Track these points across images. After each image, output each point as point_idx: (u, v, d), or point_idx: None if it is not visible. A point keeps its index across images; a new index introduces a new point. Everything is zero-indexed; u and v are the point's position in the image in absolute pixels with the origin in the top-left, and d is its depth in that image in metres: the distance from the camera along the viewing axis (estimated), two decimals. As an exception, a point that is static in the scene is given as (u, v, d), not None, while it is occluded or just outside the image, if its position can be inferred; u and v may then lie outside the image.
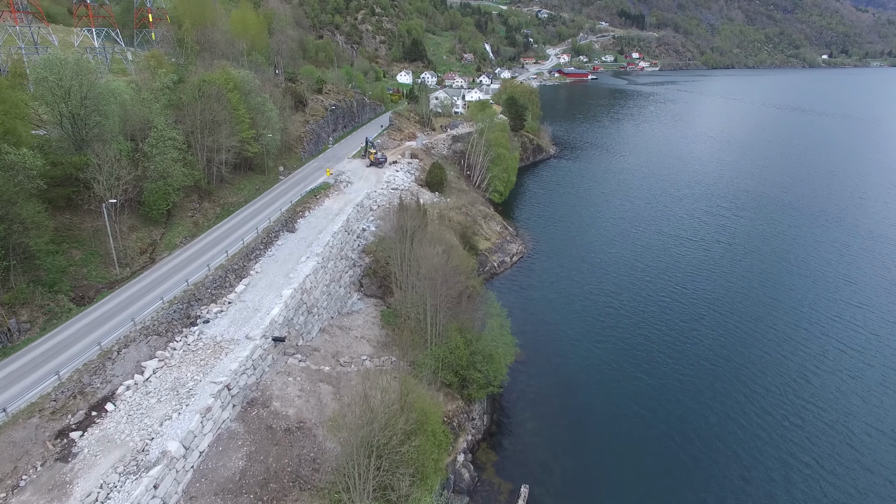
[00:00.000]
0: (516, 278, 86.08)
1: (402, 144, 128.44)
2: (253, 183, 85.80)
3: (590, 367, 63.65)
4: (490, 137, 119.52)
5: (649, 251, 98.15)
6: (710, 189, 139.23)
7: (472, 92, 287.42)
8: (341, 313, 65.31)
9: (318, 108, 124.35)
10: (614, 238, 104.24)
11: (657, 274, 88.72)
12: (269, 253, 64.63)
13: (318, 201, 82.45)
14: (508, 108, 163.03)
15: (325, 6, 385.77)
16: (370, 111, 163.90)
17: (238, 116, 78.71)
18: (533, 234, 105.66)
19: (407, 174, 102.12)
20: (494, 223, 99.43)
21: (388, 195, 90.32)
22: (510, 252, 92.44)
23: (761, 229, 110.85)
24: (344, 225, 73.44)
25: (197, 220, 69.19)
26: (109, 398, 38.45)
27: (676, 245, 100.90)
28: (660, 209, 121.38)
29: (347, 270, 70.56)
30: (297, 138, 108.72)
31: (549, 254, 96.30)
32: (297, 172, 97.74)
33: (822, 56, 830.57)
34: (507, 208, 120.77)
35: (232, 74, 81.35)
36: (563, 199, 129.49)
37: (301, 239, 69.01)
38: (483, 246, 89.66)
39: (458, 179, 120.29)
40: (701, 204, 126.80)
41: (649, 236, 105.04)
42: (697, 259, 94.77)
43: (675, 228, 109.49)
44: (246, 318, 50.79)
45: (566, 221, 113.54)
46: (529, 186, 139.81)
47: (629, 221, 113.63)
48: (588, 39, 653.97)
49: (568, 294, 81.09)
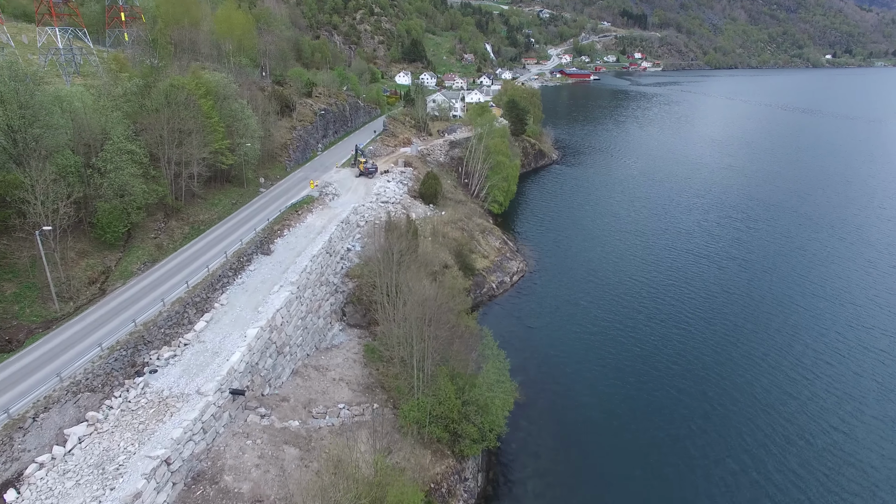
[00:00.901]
0: (516, 302, 78.86)
1: (395, 151, 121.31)
2: (229, 197, 78.67)
3: (599, 411, 56.42)
4: (489, 144, 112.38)
5: (660, 269, 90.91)
6: (721, 198, 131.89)
7: (472, 93, 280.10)
8: (319, 349, 58.13)
9: (307, 113, 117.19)
10: (622, 254, 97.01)
11: (669, 296, 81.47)
12: (238, 281, 57.52)
13: (300, 217, 75.34)
14: (509, 112, 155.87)
15: (322, 6, 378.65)
16: (364, 115, 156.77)
17: (211, 125, 71.59)
18: (535, 249, 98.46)
19: (399, 185, 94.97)
20: (493, 238, 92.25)
21: (376, 209, 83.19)
22: (510, 271, 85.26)
23: (779, 244, 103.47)
24: (325, 246, 66.32)
25: (161, 241, 62.05)
26: (13, 482, 31.33)
27: (689, 263, 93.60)
28: (669, 221, 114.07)
29: (328, 298, 63.40)
30: (283, 146, 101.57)
31: (552, 272, 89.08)
32: (280, 184, 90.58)
33: (825, 56, 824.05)
34: (507, 220, 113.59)
35: (204, 78, 74.18)
36: (566, 209, 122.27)
37: (276, 263, 61.90)
38: (481, 265, 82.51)
39: (454, 189, 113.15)
40: (712, 215, 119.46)
41: (659, 252, 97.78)
42: (712, 279, 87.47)
43: (687, 243, 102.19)
44: (202, 364, 43.67)
45: (570, 234, 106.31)
46: (531, 195, 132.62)
47: (637, 235, 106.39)
48: (590, 39, 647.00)
49: (573, 321, 73.86)
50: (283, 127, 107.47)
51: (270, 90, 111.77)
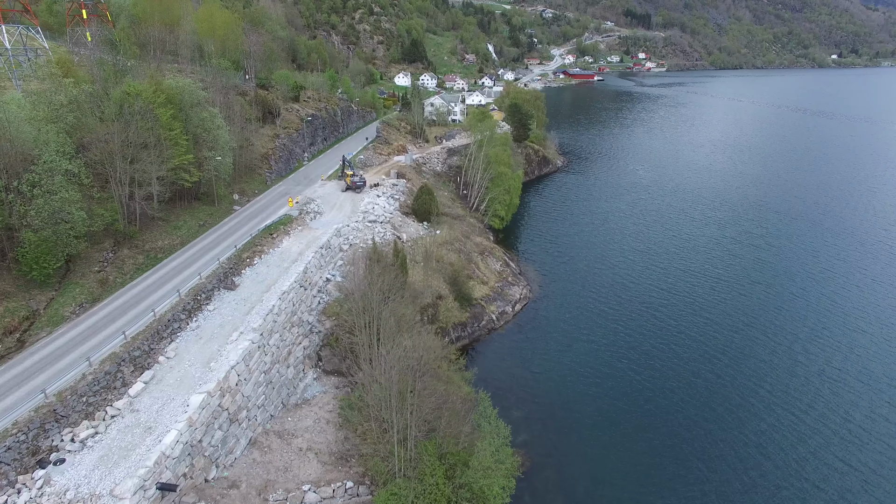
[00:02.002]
0: (519, 337, 69.90)
1: (389, 160, 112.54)
2: (197, 218, 69.95)
3: (616, 480, 47.49)
4: (490, 153, 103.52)
5: (677, 297, 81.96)
6: (737, 211, 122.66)
7: (473, 95, 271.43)
8: (287, 406, 49.36)
9: (293, 120, 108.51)
10: (634, 278, 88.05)
11: (688, 330, 72.51)
12: (192, 325, 48.73)
13: (275, 242, 66.55)
14: (512, 116, 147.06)
15: (320, 5, 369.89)
16: (358, 119, 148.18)
17: (172, 137, 62.91)
18: (539, 270, 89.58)
19: (390, 200, 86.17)
20: (493, 260, 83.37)
21: (363, 230, 74.37)
22: (512, 298, 76.36)
23: (805, 265, 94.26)
24: (300, 278, 57.54)
25: (106, 276, 53.35)
26: None
27: (708, 289, 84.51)
28: (684, 239, 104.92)
29: (301, 341, 54.65)
30: (263, 156, 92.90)
31: (558, 299, 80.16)
32: (257, 199, 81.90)
33: (831, 56, 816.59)
34: (508, 236, 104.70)
35: (165, 85, 65.45)
36: (572, 222, 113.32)
37: (241, 301, 53.13)
38: (479, 293, 73.63)
39: (452, 201, 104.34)
40: (730, 231, 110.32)
41: (675, 276, 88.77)
42: (738, 309, 78.32)
43: (705, 265, 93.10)
44: (129, 446, 34.95)
45: (577, 253, 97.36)
46: (535, 207, 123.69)
47: (650, 254, 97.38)
48: (593, 39, 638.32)
49: (584, 362, 64.89)
50: (266, 135, 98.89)
51: (253, 95, 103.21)
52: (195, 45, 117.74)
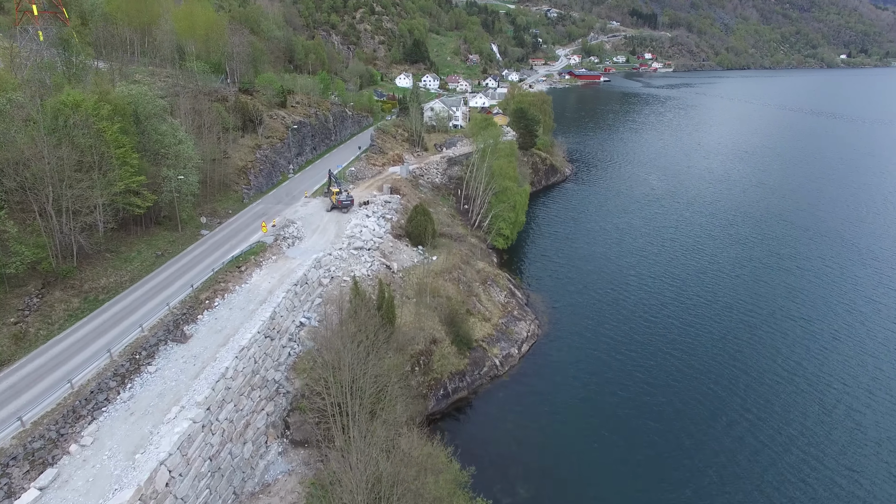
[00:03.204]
0: (526, 388, 60.10)
1: (383, 171, 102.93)
2: (154, 247, 60.45)
3: None
4: (494, 166, 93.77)
5: (703, 330, 72.27)
6: (762, 228, 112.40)
7: (477, 97, 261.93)
8: (241, 497, 39.81)
9: (278, 127, 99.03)
10: (654, 308, 78.29)
11: (726, 380, 62.79)
12: (123, 397, 39.21)
13: (243, 276, 57.02)
14: (517, 122, 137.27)
15: (320, 4, 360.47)
16: (353, 125, 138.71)
17: (119, 156, 53.44)
18: (548, 299, 79.84)
19: (381, 221, 76.50)
20: (497, 290, 73.68)
21: (347, 260, 64.74)
22: (518, 337, 66.62)
23: (846, 296, 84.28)
24: (265, 326, 47.96)
25: (25, 328, 43.86)
26: None
27: (741, 324, 74.67)
28: (706, 261, 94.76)
29: (264, 406, 45.10)
30: (241, 170, 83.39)
31: (571, 335, 70.42)
32: (230, 222, 72.32)
33: (840, 56, 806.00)
34: (514, 257, 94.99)
35: (116, 93, 56.00)
36: (583, 241, 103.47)
37: (190, 359, 43.60)
38: (481, 332, 63.97)
39: (451, 218, 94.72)
40: (756, 252, 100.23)
41: (699, 306, 78.93)
42: (777, 351, 68.54)
43: (733, 293, 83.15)
44: None
45: (589, 277, 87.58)
46: (542, 221, 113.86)
47: (671, 281, 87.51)
48: (599, 39, 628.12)
49: (603, 420, 55.19)
50: (245, 146, 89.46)
51: (233, 101, 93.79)
52: (174, 45, 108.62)
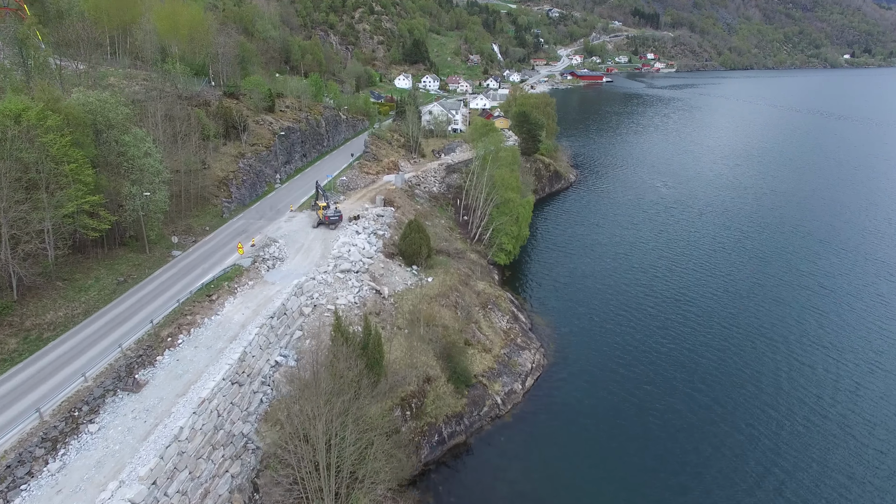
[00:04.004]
0: (531, 430, 53.46)
1: (377, 181, 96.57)
2: (115, 272, 54.08)
3: None
4: (496, 176, 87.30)
5: (725, 357, 65.89)
6: (779, 241, 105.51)
7: (477, 99, 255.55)
8: (193, 587, 33.47)
9: (264, 134, 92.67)
10: (669, 330, 71.88)
11: (752, 417, 56.39)
12: (52, 468, 32.72)
13: (213, 306, 50.63)
14: (519, 127, 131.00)
15: (318, 4, 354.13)
16: (348, 129, 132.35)
17: (71, 172, 47.10)
18: (555, 322, 73.38)
19: (372, 238, 70.01)
20: (499, 314, 67.25)
21: (333, 284, 58.32)
22: (522, 369, 60.15)
23: (881, 320, 77.84)
24: (232, 371, 41.59)
25: (-52, 378, 37.55)
26: None
27: (769, 354, 68.23)
28: (723, 279, 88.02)
29: (228, 467, 38.69)
30: (222, 182, 77.03)
31: (580, 365, 63.93)
32: (206, 240, 65.90)
33: (844, 56, 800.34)
34: (516, 273, 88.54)
35: (64, 102, 49.66)
36: (590, 255, 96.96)
37: (142, 413, 37.25)
38: (481, 366, 57.53)
39: (450, 231, 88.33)
40: (776, 267, 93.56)
41: (718, 331, 72.49)
42: (813, 392, 62.09)
43: (755, 315, 76.69)
44: None
45: (598, 296, 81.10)
46: (547, 232, 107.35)
47: (686, 300, 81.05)
48: (601, 39, 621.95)
49: (620, 469, 48.75)
50: (228, 155, 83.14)
51: (216, 106, 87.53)
52: (157, 46, 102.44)
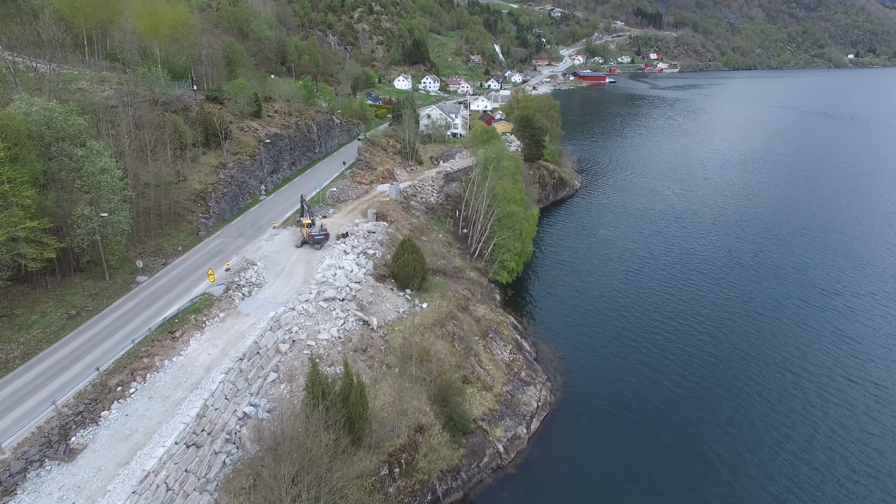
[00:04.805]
0: (536, 485, 46.96)
1: (370, 191, 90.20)
2: (67, 303, 47.76)
3: None
4: (497, 188, 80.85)
5: (757, 395, 59.46)
6: (798, 254, 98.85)
7: (478, 100, 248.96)
8: None
9: (249, 142, 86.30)
10: (687, 359, 65.49)
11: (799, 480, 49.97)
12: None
13: (177, 344, 44.26)
14: (522, 131, 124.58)
15: (316, 3, 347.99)
16: (342, 134, 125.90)
17: (8, 193, 40.78)
18: (562, 350, 66.90)
19: (361, 259, 63.60)
20: (501, 344, 60.83)
21: (315, 315, 51.91)
22: (527, 410, 53.69)
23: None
24: (188, 431, 35.26)
25: None
26: None
27: (797, 387, 61.82)
28: (741, 298, 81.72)
29: (176, 555, 32.36)
30: (199, 196, 70.65)
31: (592, 401, 57.48)
32: (177, 263, 59.49)
33: (848, 56, 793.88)
34: (520, 292, 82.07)
35: (10, 111, 43.33)
36: (598, 270, 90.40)
37: (72, 490, 30.94)
38: (481, 407, 51.09)
39: (448, 246, 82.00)
40: (797, 286, 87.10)
41: (744, 359, 66.13)
42: (853, 432, 55.71)
43: (780, 343, 70.26)
44: None
45: (608, 318, 74.62)
46: (551, 246, 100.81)
47: (705, 322, 74.67)
48: (603, 39, 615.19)
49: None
50: (208, 165, 76.77)
51: (198, 112, 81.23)
52: (137, 47, 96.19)
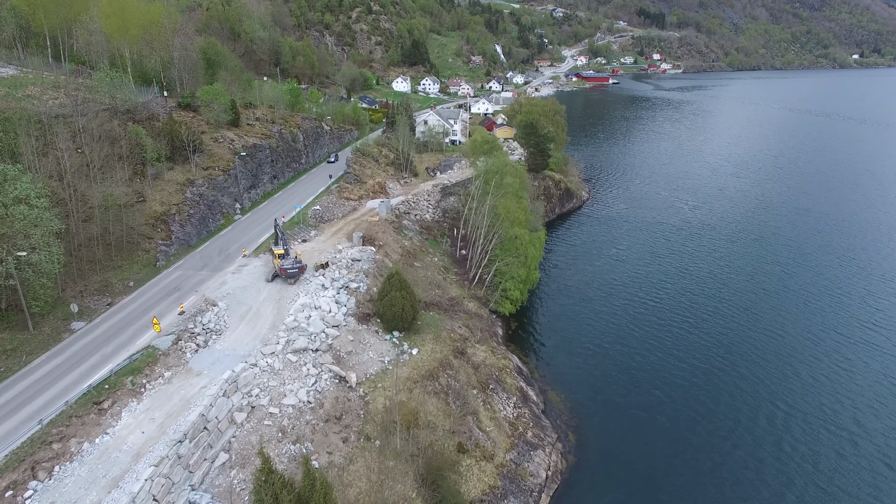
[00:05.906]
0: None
1: (359, 208, 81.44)
2: (-27, 364, 39.12)
3: None
4: (500, 207, 71.98)
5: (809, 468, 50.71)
6: (827, 277, 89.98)
7: (479, 102, 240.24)
8: None
9: (223, 155, 77.56)
10: (720, 403, 56.80)
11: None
12: None
13: (103, 420, 35.56)
14: (526, 139, 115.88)
15: (313, 3, 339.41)
16: (332, 142, 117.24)
17: None
18: (574, 400, 58.05)
19: (342, 295, 54.74)
20: (504, 396, 52.06)
21: (282, 372, 43.10)
22: (534, 482, 44.85)
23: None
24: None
25: None
26: None
27: (848, 440, 53.14)
28: (775, 336, 72.69)
29: None
30: (158, 219, 61.85)
31: (611, 466, 48.76)
32: (123, 304, 50.62)
33: (853, 56, 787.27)
34: (524, 324, 73.07)
35: None
36: (612, 299, 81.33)
37: None
38: (479, 485, 42.30)
39: (444, 271, 73.20)
40: (834, 317, 78.21)
41: (789, 415, 57.38)
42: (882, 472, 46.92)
43: (829, 397, 61.60)
44: None
45: (625, 354, 65.84)
46: (559, 267, 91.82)
47: (732, 364, 65.95)
48: (606, 40, 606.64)
49: None
50: (174, 182, 67.96)
51: (163, 123, 72.49)
52: (105, 49, 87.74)
